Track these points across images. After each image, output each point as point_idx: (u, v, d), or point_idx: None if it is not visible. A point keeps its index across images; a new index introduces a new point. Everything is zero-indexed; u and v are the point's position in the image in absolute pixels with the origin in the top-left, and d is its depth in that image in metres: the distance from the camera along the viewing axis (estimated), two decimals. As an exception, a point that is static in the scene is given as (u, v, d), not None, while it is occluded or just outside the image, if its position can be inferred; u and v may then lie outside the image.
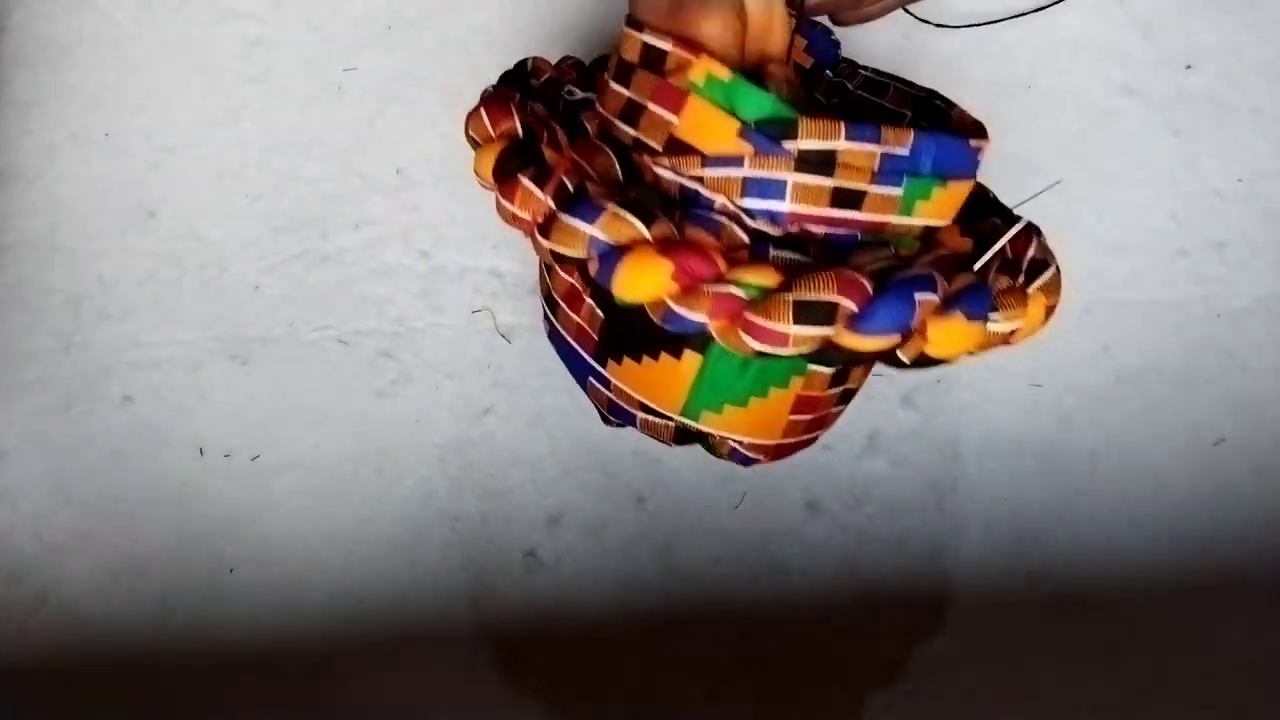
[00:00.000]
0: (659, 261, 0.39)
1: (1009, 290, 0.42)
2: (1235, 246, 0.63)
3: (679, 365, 0.44)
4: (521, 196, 0.42)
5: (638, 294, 0.40)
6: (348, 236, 0.64)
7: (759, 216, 0.41)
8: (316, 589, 0.59)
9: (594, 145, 0.44)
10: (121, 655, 0.59)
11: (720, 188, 0.41)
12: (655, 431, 0.49)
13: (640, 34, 0.42)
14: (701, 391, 0.45)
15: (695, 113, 0.41)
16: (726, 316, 0.39)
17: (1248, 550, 0.60)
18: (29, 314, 0.63)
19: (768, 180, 0.40)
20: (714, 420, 0.45)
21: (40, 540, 0.60)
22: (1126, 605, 0.59)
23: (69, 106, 0.65)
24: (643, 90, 0.42)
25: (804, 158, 0.40)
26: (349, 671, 0.58)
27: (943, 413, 0.61)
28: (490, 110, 0.45)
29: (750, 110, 0.40)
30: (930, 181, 0.41)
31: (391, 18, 0.66)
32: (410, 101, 0.65)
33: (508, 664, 0.58)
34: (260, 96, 0.65)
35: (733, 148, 0.40)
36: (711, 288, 0.39)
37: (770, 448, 0.48)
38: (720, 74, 0.40)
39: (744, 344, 0.39)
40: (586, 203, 0.40)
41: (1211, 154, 0.64)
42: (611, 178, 0.44)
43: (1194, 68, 0.65)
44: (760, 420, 0.46)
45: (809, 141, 0.39)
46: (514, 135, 0.44)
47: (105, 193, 0.64)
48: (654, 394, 0.46)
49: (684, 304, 0.39)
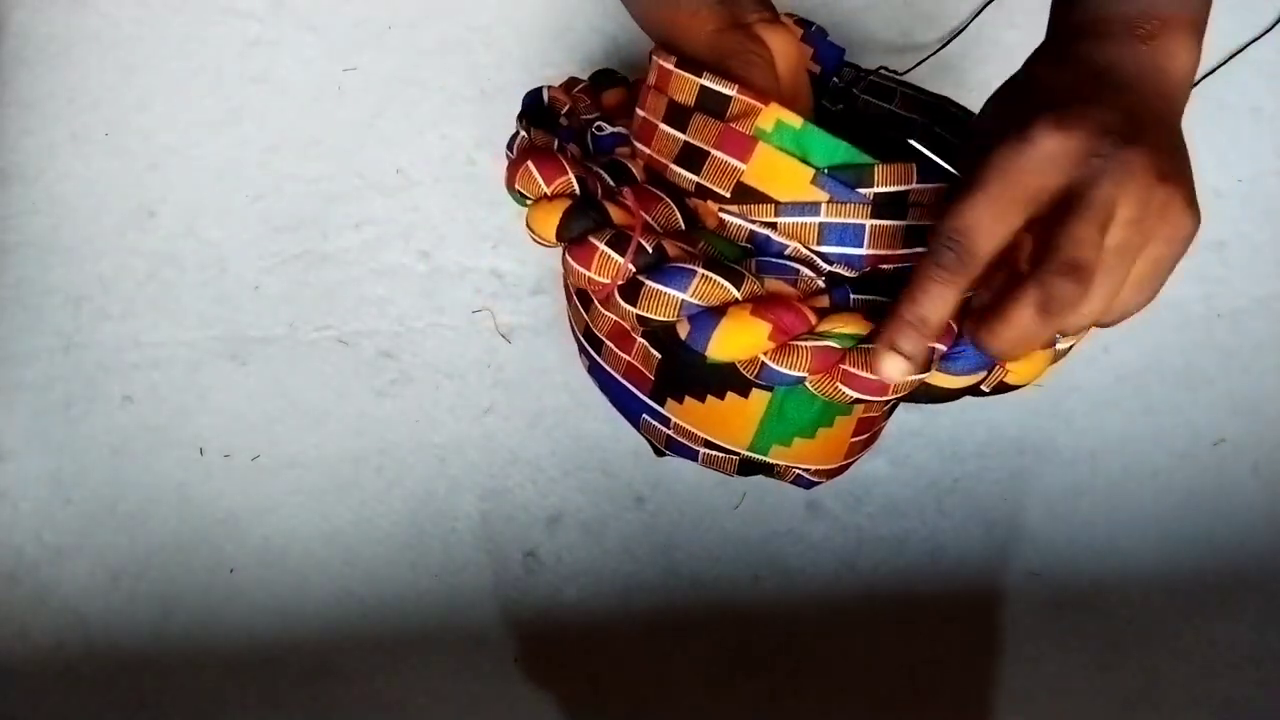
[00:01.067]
0: (756, 323, 0.39)
1: None
2: (1235, 246, 0.63)
3: (746, 404, 0.44)
4: (600, 262, 0.41)
5: (735, 355, 0.40)
6: (348, 236, 0.64)
7: (836, 261, 0.41)
8: (316, 589, 0.59)
9: (650, 193, 0.43)
10: (121, 655, 0.59)
11: (795, 234, 0.41)
12: (718, 465, 0.49)
13: (698, 78, 0.41)
14: (770, 427, 0.44)
15: (765, 159, 0.40)
16: (824, 369, 0.39)
17: (1248, 550, 0.60)
18: (29, 314, 0.63)
19: (846, 226, 0.40)
20: (783, 454, 0.45)
21: (40, 540, 0.60)
22: (1126, 605, 0.59)
23: (69, 106, 0.65)
24: (704, 135, 0.41)
25: (879, 201, 0.40)
26: (349, 671, 0.58)
27: (943, 413, 0.61)
28: (540, 165, 0.43)
29: (823, 157, 0.39)
30: None
31: (391, 18, 0.66)
32: (410, 101, 0.65)
33: (508, 664, 0.58)
34: (260, 96, 0.65)
35: (807, 194, 0.40)
36: (807, 342, 0.39)
37: (834, 470, 0.48)
38: (792, 121, 0.39)
39: (842, 394, 0.39)
40: (674, 268, 0.40)
41: (1211, 154, 0.64)
42: (673, 226, 0.43)
43: (1194, 68, 0.65)
44: (827, 448, 0.46)
45: (884, 187, 0.39)
46: (571, 191, 0.43)
47: (105, 193, 0.64)
48: (719, 431, 0.46)
49: (782, 362, 0.39)
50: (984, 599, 0.59)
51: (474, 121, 0.65)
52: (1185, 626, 0.59)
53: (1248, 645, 0.59)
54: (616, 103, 0.51)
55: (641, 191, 0.44)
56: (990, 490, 0.60)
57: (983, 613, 0.59)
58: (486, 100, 0.65)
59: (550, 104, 0.51)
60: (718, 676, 0.58)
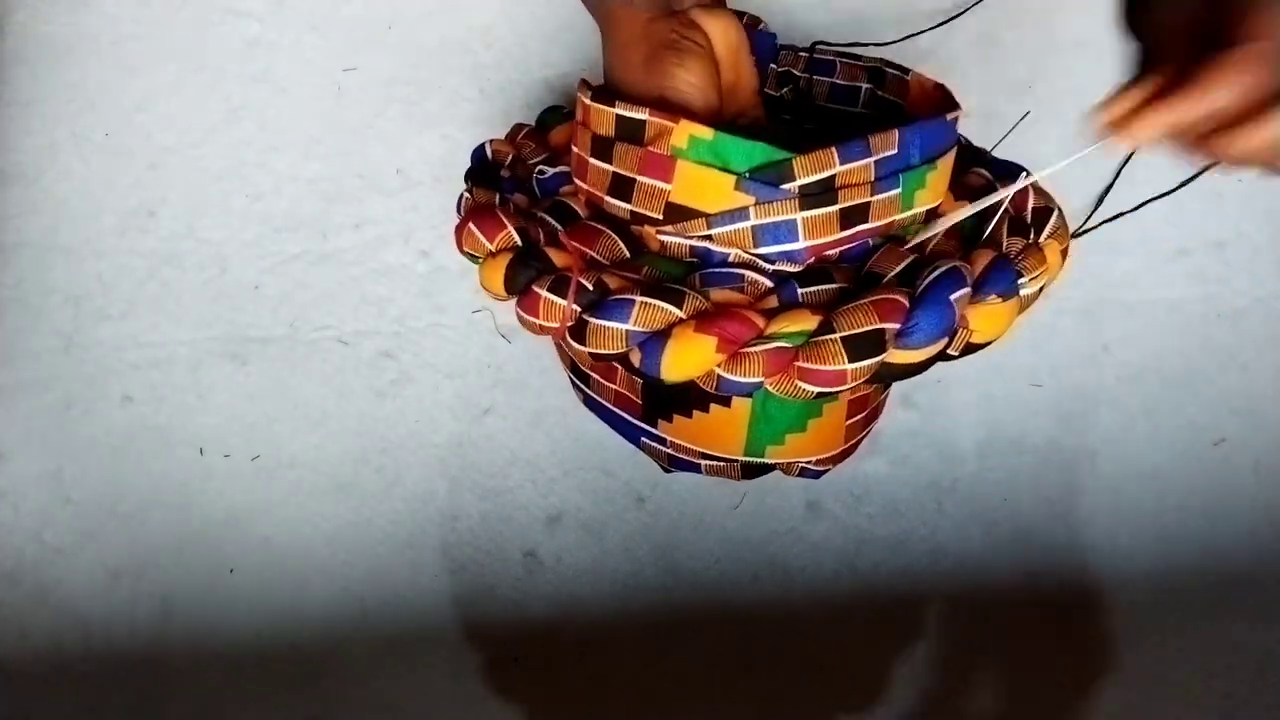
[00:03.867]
0: (701, 339, 0.39)
1: (1026, 250, 0.43)
2: (1235, 246, 0.63)
3: (731, 413, 0.44)
4: (545, 308, 0.41)
5: (687, 373, 0.40)
6: (348, 236, 0.64)
7: (777, 259, 0.41)
8: (316, 589, 0.59)
9: (590, 228, 0.44)
10: (121, 655, 0.59)
11: (731, 242, 0.41)
12: (722, 473, 0.49)
13: (611, 108, 0.41)
14: (760, 431, 0.45)
15: (687, 176, 0.40)
16: (780, 370, 0.39)
17: (1248, 550, 0.60)
18: (29, 314, 0.63)
19: (778, 224, 0.40)
20: (779, 452, 0.46)
21: (40, 540, 0.60)
22: (1126, 605, 0.59)
23: (69, 106, 0.65)
24: (627, 163, 0.42)
25: (806, 192, 0.40)
26: (349, 671, 0.58)
27: (943, 413, 0.61)
28: (480, 223, 0.44)
29: (742, 161, 0.40)
30: (923, 170, 0.41)
31: (391, 18, 0.66)
32: (410, 101, 0.65)
33: (508, 664, 0.58)
34: (260, 96, 0.65)
35: (734, 201, 0.40)
36: (757, 348, 0.39)
37: (837, 456, 0.48)
38: (703, 134, 0.40)
39: (802, 391, 0.39)
40: (613, 301, 0.40)
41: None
42: (617, 256, 0.43)
43: (1194, 68, 0.65)
44: (822, 437, 0.46)
45: (806, 177, 0.39)
46: (513, 245, 0.44)
47: (105, 193, 0.64)
48: (713, 444, 0.46)
49: (735, 371, 0.39)
50: (984, 599, 0.59)
51: (474, 121, 0.65)
52: (1185, 626, 0.59)
53: (1248, 645, 0.59)
54: (564, 139, 0.51)
55: (583, 228, 0.44)
56: (990, 490, 0.60)
57: (983, 613, 0.59)
58: (486, 100, 0.65)
59: (494, 158, 0.52)
60: (718, 676, 0.58)
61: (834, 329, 0.38)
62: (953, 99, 0.45)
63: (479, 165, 0.52)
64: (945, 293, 0.39)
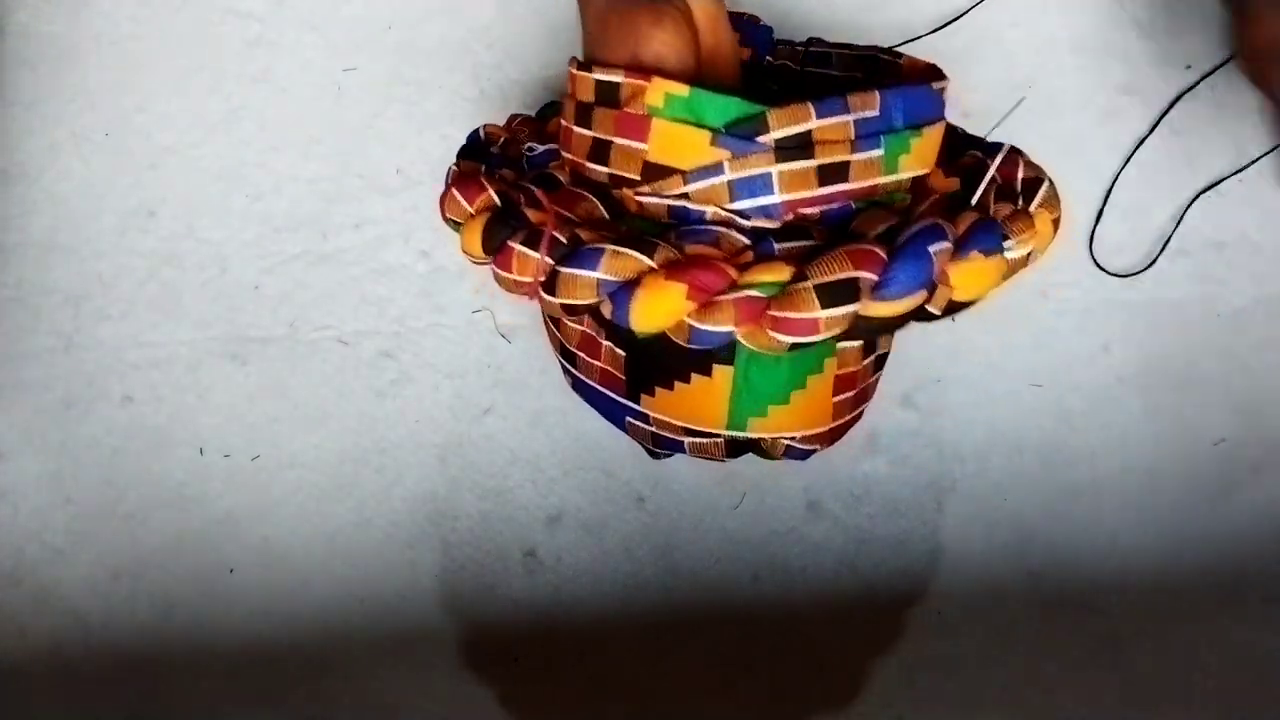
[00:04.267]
0: (670, 285, 0.39)
1: (1014, 215, 0.43)
2: (1235, 246, 0.63)
3: (712, 382, 0.44)
4: (518, 262, 0.42)
5: (657, 323, 0.40)
6: (348, 236, 0.64)
7: (754, 215, 0.41)
8: (316, 589, 0.59)
9: (571, 193, 0.44)
10: (121, 655, 0.59)
11: (708, 198, 0.41)
12: (706, 451, 0.49)
13: (590, 73, 0.42)
14: (742, 401, 0.44)
15: (663, 134, 0.40)
16: (752, 320, 0.39)
17: (1248, 550, 0.60)
18: (29, 314, 0.63)
19: (753, 178, 0.40)
20: (762, 425, 0.45)
21: (40, 541, 0.60)
22: (1126, 605, 0.59)
23: (69, 106, 0.65)
24: (605, 126, 0.42)
25: (781, 145, 0.40)
26: (349, 671, 0.58)
27: (943, 413, 0.61)
28: (462, 188, 0.45)
29: (717, 116, 0.40)
30: (907, 135, 0.41)
31: (391, 18, 0.66)
32: (410, 101, 0.65)
33: (508, 664, 0.58)
34: (260, 96, 0.65)
35: (710, 156, 0.40)
36: (729, 296, 0.39)
37: (824, 435, 0.48)
38: (678, 91, 0.40)
39: (775, 342, 0.39)
40: (584, 249, 0.40)
41: (1211, 154, 0.64)
42: (597, 219, 0.44)
43: (1194, 68, 0.65)
44: (807, 411, 0.45)
45: (782, 130, 0.39)
46: (492, 206, 0.44)
47: (105, 193, 0.64)
48: (695, 416, 0.46)
49: (706, 320, 0.39)
50: (984, 599, 0.59)
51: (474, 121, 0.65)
52: (1185, 626, 0.59)
53: (1248, 645, 0.59)
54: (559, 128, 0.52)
55: (564, 194, 0.45)
56: (990, 490, 0.60)
57: (983, 613, 0.59)
58: (486, 100, 0.65)
59: (486, 139, 0.52)
60: (718, 676, 0.58)
61: (807, 276, 0.38)
62: (940, 72, 0.45)
63: (470, 145, 0.53)
64: (925, 244, 0.39)
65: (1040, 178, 0.45)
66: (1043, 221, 0.44)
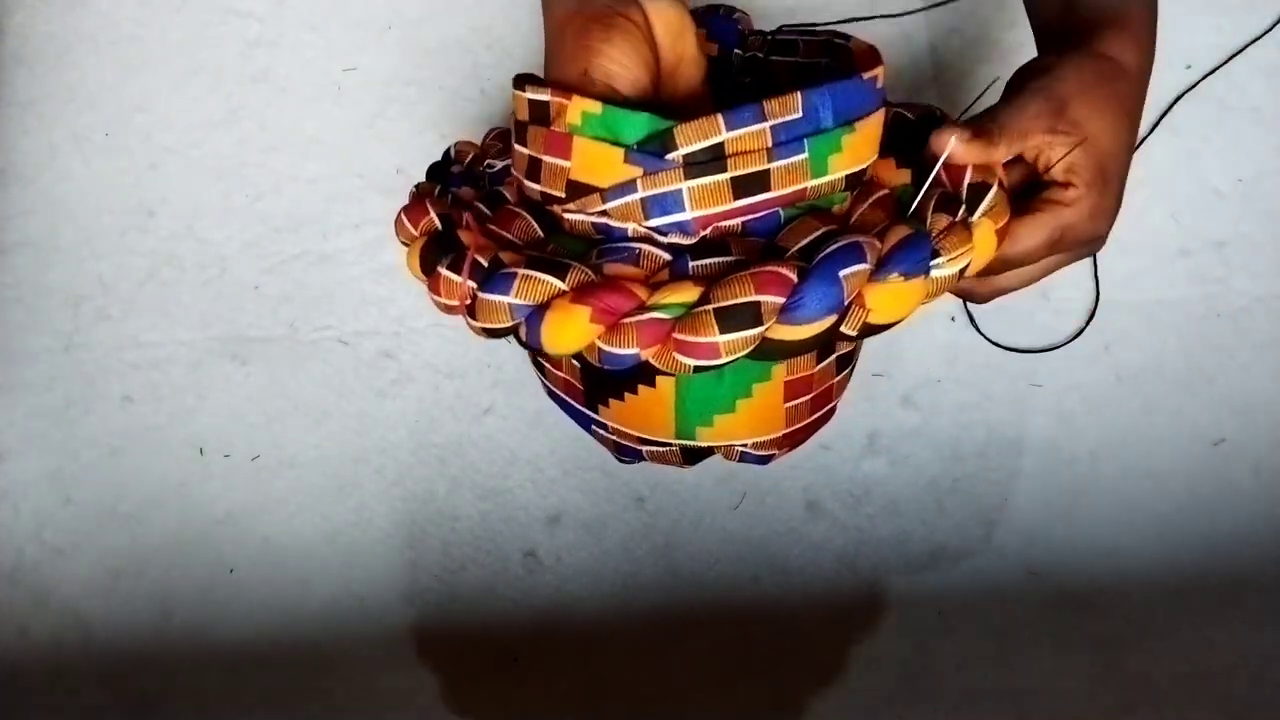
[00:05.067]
0: (575, 310, 0.39)
1: (949, 229, 0.40)
2: (1235, 246, 0.63)
3: (657, 393, 0.44)
4: (445, 286, 0.42)
5: (567, 345, 0.40)
6: (348, 236, 0.64)
7: (669, 231, 0.41)
8: (316, 589, 0.59)
9: (510, 211, 0.45)
10: (121, 655, 0.59)
11: (624, 215, 0.41)
12: (664, 459, 0.49)
13: (524, 92, 0.41)
14: (687, 411, 0.44)
15: (583, 152, 0.40)
16: (656, 342, 0.39)
17: (1248, 550, 0.60)
18: (29, 314, 0.63)
19: (663, 195, 0.40)
20: (710, 434, 0.45)
21: (40, 541, 0.60)
22: (1126, 605, 0.59)
23: (69, 106, 0.65)
24: (536, 145, 0.42)
25: (690, 161, 0.39)
26: (349, 671, 0.58)
27: (943, 413, 0.61)
28: (408, 211, 0.46)
29: (630, 134, 0.39)
30: (838, 132, 0.40)
31: (391, 18, 0.66)
32: (410, 101, 0.65)
33: (508, 664, 0.58)
34: (260, 96, 0.65)
35: (623, 174, 0.40)
36: (633, 319, 0.39)
37: (779, 440, 0.47)
38: (592, 108, 0.39)
39: (680, 364, 0.39)
40: (497, 275, 0.40)
41: (1211, 154, 0.64)
42: (531, 237, 0.44)
43: (1194, 68, 0.65)
44: (756, 418, 0.45)
45: (689, 145, 0.39)
46: (433, 230, 0.45)
47: (105, 193, 0.64)
48: (645, 426, 0.46)
49: (612, 343, 0.39)
50: (984, 599, 0.59)
51: (474, 121, 0.65)
52: (1185, 626, 0.59)
53: (1248, 645, 0.59)
54: None
55: (504, 213, 0.45)
56: (990, 490, 0.60)
57: (983, 613, 0.59)
58: (486, 100, 0.65)
59: (455, 158, 0.52)
60: (718, 676, 0.58)
61: (710, 300, 0.38)
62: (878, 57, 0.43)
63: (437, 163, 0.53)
64: (836, 268, 0.38)
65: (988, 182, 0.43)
66: (984, 232, 0.42)
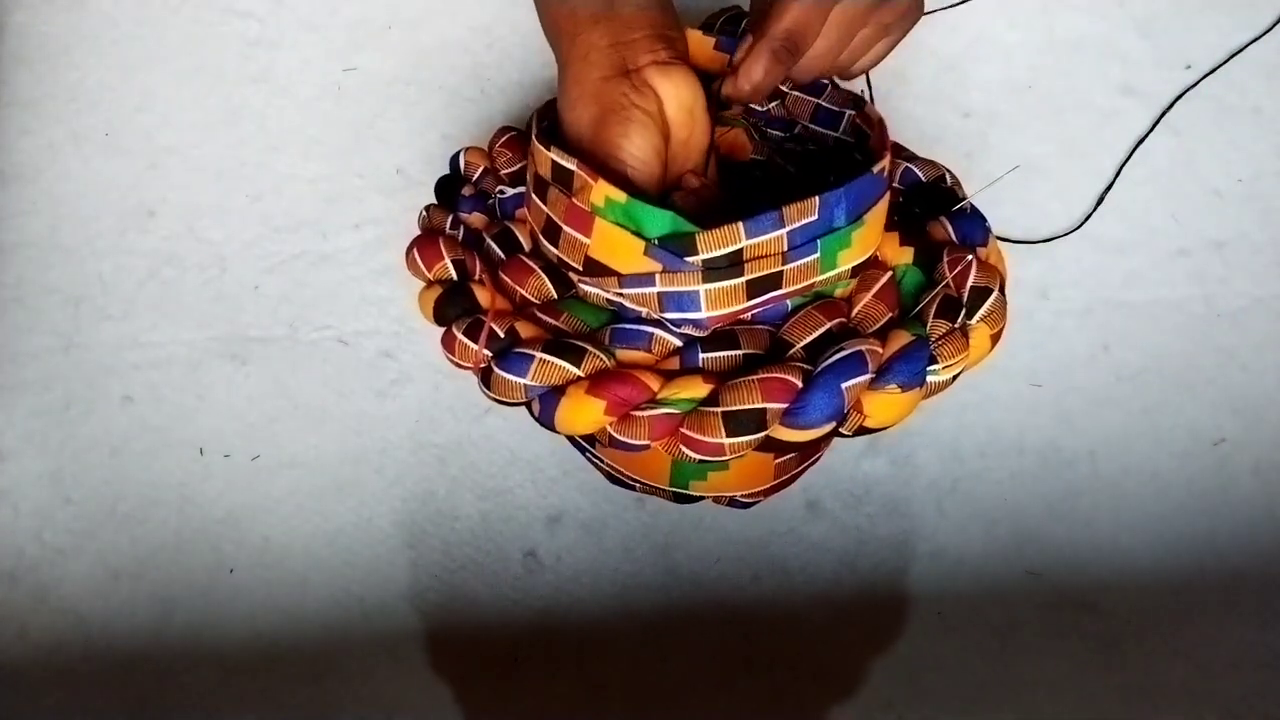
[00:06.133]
0: (591, 401, 0.41)
1: (947, 336, 0.43)
2: (1235, 246, 0.63)
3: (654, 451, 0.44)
4: (460, 349, 0.44)
5: (580, 429, 0.42)
6: (348, 236, 0.64)
7: (682, 324, 0.42)
8: (316, 589, 0.59)
9: (524, 266, 0.46)
10: (121, 655, 0.59)
11: (640, 303, 0.42)
12: (656, 494, 0.50)
13: (549, 152, 0.42)
14: (683, 467, 0.45)
15: (603, 234, 0.41)
16: (665, 435, 0.41)
17: (1248, 550, 0.60)
18: (29, 314, 0.63)
19: (681, 293, 0.41)
20: (703, 487, 0.46)
21: (40, 541, 0.60)
22: (1126, 605, 0.59)
23: (69, 106, 0.65)
24: (557, 210, 0.42)
25: (710, 265, 0.40)
26: (349, 671, 0.58)
27: (943, 413, 0.61)
28: (422, 252, 0.47)
29: (653, 228, 0.40)
30: (848, 230, 0.41)
31: (391, 18, 0.66)
32: (410, 101, 0.65)
33: (508, 664, 0.58)
34: (260, 96, 0.65)
35: (643, 265, 0.41)
36: (645, 412, 0.41)
37: (767, 491, 0.49)
38: (616, 197, 0.40)
39: (686, 455, 0.41)
40: (514, 355, 0.42)
41: (1211, 154, 0.64)
42: (545, 296, 0.45)
43: (1194, 68, 0.65)
44: (747, 474, 0.46)
45: (709, 252, 0.40)
46: (447, 277, 0.46)
47: (105, 193, 0.64)
48: (640, 472, 0.47)
49: (624, 432, 0.41)
50: (984, 599, 0.59)
51: (474, 121, 0.65)
52: (1185, 626, 0.59)
53: (1248, 645, 0.59)
54: None
55: (517, 265, 0.46)
56: (990, 490, 0.60)
57: (983, 613, 0.59)
58: (486, 100, 0.65)
59: (465, 170, 0.53)
60: (718, 676, 0.58)
61: (718, 402, 0.40)
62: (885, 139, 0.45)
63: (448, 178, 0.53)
64: (838, 380, 0.40)
65: (989, 287, 0.44)
66: (980, 336, 0.44)
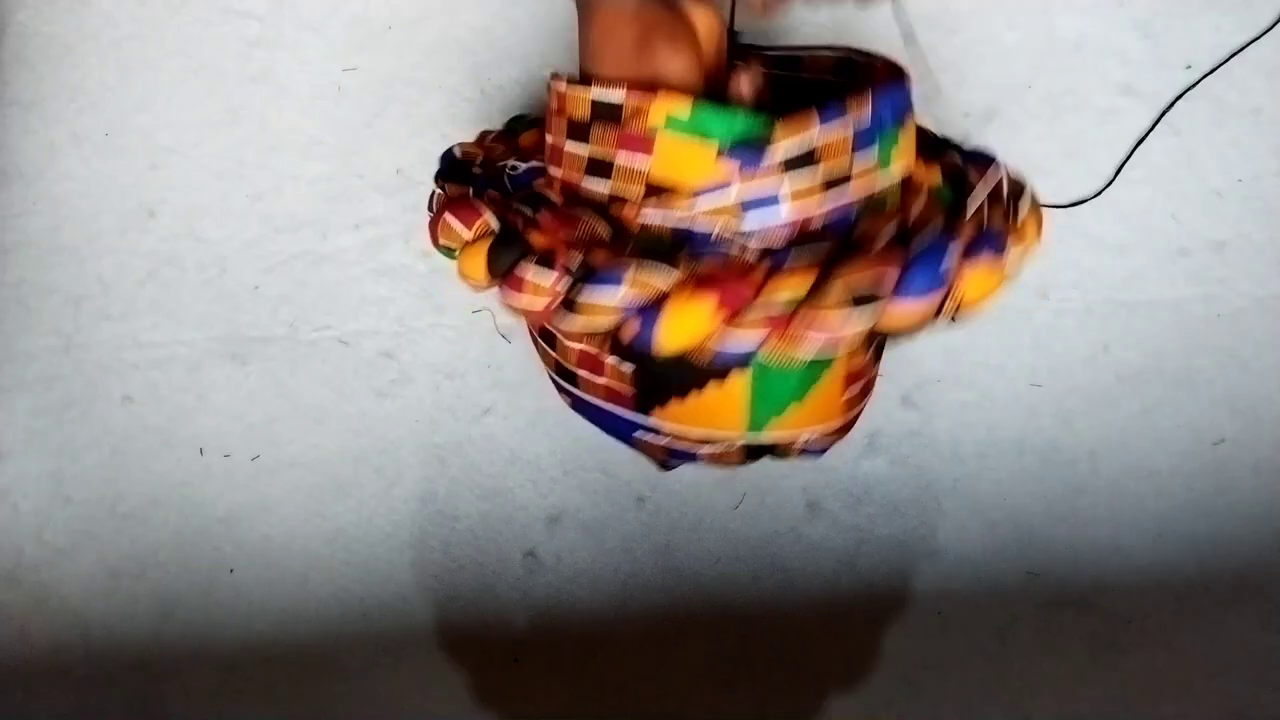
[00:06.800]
0: (700, 299, 0.38)
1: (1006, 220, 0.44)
2: (1235, 246, 0.63)
3: (729, 388, 0.44)
4: (531, 288, 0.41)
5: (686, 339, 0.39)
6: (348, 236, 0.64)
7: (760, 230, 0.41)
8: (316, 589, 0.59)
9: (568, 213, 0.43)
10: (121, 655, 0.59)
11: (716, 214, 0.41)
12: (722, 459, 0.48)
13: (586, 92, 0.41)
14: (761, 403, 0.44)
15: (667, 150, 0.40)
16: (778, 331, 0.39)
17: (1248, 550, 0.60)
18: (29, 314, 0.63)
19: (761, 197, 0.40)
20: (780, 424, 0.45)
21: (40, 540, 0.60)
22: (1126, 605, 0.59)
23: (69, 106, 0.65)
24: (606, 143, 0.41)
25: (788, 162, 0.39)
26: (349, 671, 0.58)
27: (943, 413, 0.61)
28: (457, 212, 0.44)
29: (722, 131, 0.39)
30: (895, 131, 0.42)
31: (391, 18, 0.66)
32: (410, 101, 0.65)
33: (508, 664, 0.58)
34: (260, 96, 0.65)
35: (716, 173, 0.40)
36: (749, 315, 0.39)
37: (837, 429, 0.48)
38: (679, 110, 0.39)
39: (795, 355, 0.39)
40: (606, 269, 0.39)
41: (1211, 154, 0.64)
42: (598, 239, 0.43)
43: (1194, 68, 0.65)
44: (822, 407, 0.46)
45: (788, 143, 0.39)
46: (491, 230, 0.43)
47: (105, 193, 0.64)
48: (713, 423, 0.45)
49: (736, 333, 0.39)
50: (984, 599, 0.59)
51: (474, 121, 0.65)
52: (1185, 626, 0.59)
53: (1248, 645, 0.59)
54: (533, 143, 0.51)
55: (561, 214, 0.43)
56: (990, 490, 0.60)
57: (983, 613, 0.59)
58: (486, 100, 0.65)
59: (464, 159, 0.52)
60: (718, 676, 0.58)
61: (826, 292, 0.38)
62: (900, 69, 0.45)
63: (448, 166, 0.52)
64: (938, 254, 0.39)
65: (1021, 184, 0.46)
66: (1030, 227, 0.45)
